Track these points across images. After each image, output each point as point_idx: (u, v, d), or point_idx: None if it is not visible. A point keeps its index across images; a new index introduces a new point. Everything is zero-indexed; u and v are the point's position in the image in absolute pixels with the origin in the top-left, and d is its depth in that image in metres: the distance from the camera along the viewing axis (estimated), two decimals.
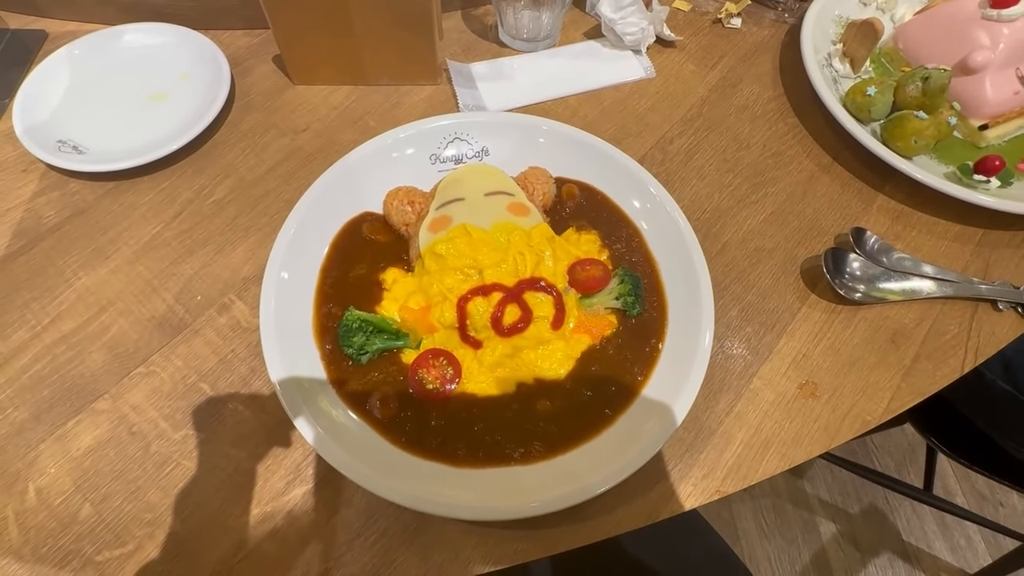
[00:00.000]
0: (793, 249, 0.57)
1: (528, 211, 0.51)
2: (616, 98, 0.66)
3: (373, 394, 0.45)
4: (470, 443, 0.44)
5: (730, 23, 0.72)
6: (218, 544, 0.42)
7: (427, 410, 0.45)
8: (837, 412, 0.49)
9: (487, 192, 0.51)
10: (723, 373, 0.50)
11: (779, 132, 0.64)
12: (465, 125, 0.57)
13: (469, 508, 0.40)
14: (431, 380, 0.46)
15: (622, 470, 0.41)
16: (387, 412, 0.44)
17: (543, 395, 0.46)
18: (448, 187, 0.52)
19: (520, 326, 0.46)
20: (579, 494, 0.41)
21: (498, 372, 0.46)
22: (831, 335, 0.52)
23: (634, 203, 0.54)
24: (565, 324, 0.48)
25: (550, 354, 0.47)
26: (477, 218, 0.49)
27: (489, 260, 0.47)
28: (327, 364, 0.46)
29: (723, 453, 0.47)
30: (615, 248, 0.52)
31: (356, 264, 0.51)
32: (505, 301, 0.46)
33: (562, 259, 0.50)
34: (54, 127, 0.58)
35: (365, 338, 0.45)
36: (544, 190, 0.54)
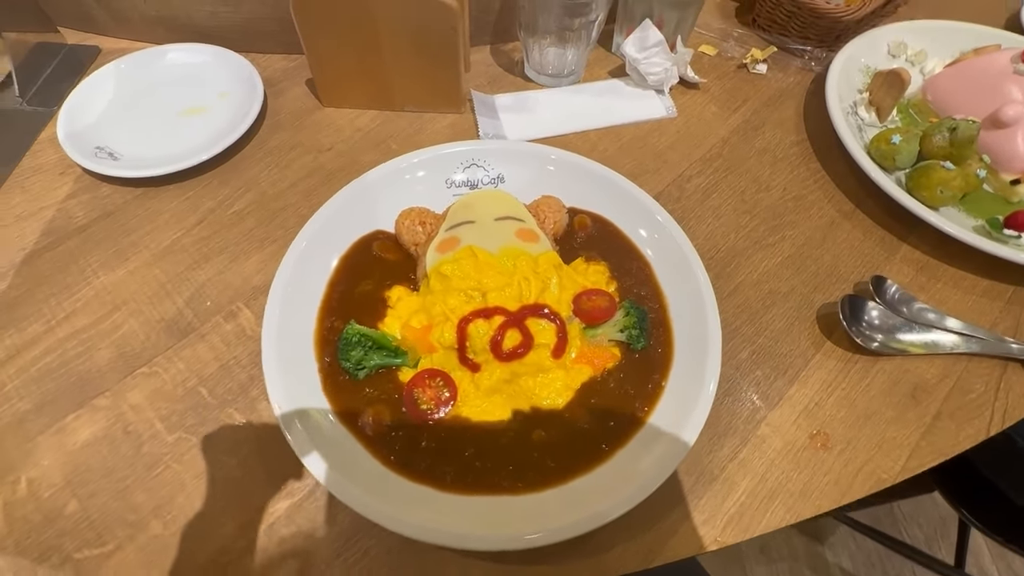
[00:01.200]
0: (810, 294, 0.55)
1: (537, 238, 0.51)
2: (636, 135, 0.66)
3: (366, 410, 0.45)
4: (459, 468, 0.42)
5: (755, 69, 0.72)
6: (197, 553, 0.41)
7: (419, 431, 0.44)
8: (850, 467, 0.46)
9: (497, 217, 0.51)
10: (729, 416, 0.48)
11: (800, 176, 0.64)
12: (482, 152, 0.58)
13: (453, 535, 0.39)
14: (426, 400, 0.45)
15: (614, 508, 0.40)
16: (378, 429, 0.44)
17: (539, 425, 0.45)
18: (459, 210, 0.53)
19: (520, 351, 0.45)
20: (568, 530, 0.39)
21: (494, 397, 0.45)
22: (846, 385, 0.50)
23: (645, 236, 0.54)
24: (567, 353, 0.47)
25: (549, 383, 0.46)
26: (485, 241, 0.49)
27: (493, 283, 0.47)
28: (324, 376, 0.46)
29: (725, 500, 0.45)
30: (624, 281, 0.52)
31: (363, 280, 0.51)
32: (506, 325, 0.46)
33: (568, 288, 0.49)
34: (94, 134, 0.61)
35: (363, 353, 0.45)
36: (555, 219, 0.54)
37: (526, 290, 0.48)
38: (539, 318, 0.47)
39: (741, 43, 0.74)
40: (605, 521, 0.39)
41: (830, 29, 0.71)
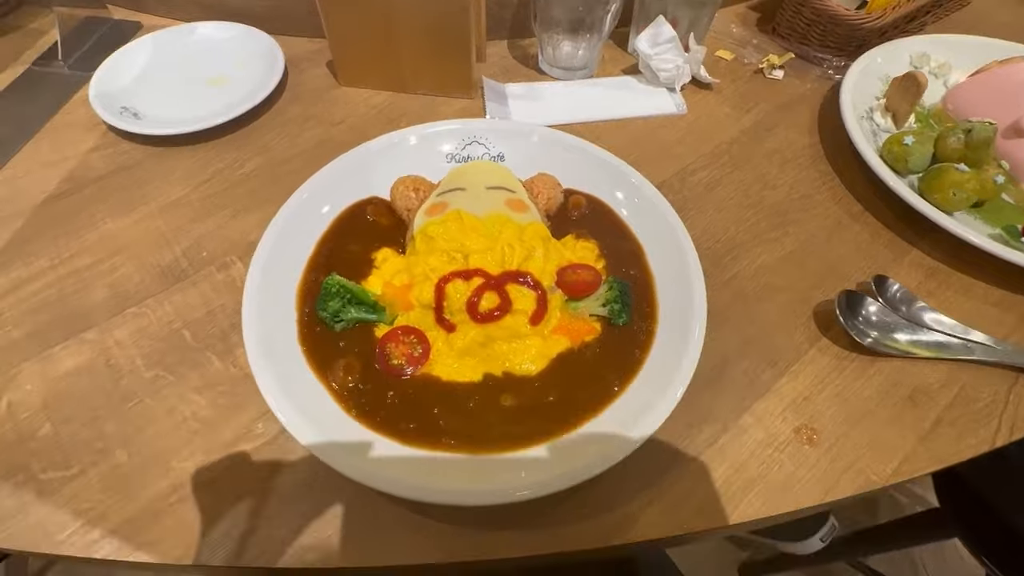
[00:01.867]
0: (808, 291, 0.53)
1: (527, 209, 0.51)
2: (644, 128, 0.66)
3: (338, 361, 0.44)
4: (423, 423, 0.42)
5: (772, 74, 0.72)
6: (156, 483, 0.41)
7: (387, 385, 0.43)
8: (837, 464, 0.44)
9: (489, 186, 0.52)
10: (711, 401, 0.46)
11: (810, 177, 0.62)
12: (483, 129, 0.58)
13: (407, 486, 0.38)
14: (398, 356, 0.44)
15: (571, 476, 0.38)
16: (346, 380, 0.43)
17: (509, 390, 0.44)
18: (452, 178, 0.53)
19: (496, 314, 0.45)
20: (521, 491, 0.38)
21: (467, 359, 0.45)
22: (840, 383, 0.48)
23: (639, 219, 0.53)
24: (545, 322, 0.46)
25: (524, 349, 0.45)
26: (474, 207, 0.49)
27: (476, 246, 0.47)
28: (301, 327, 0.46)
29: (698, 485, 0.42)
30: (613, 260, 0.51)
31: (353, 241, 0.52)
32: (485, 287, 0.45)
33: (554, 259, 0.49)
34: (122, 96, 0.65)
35: (341, 305, 0.45)
36: (549, 195, 0.53)
37: (509, 256, 0.47)
38: (519, 284, 0.46)
39: (759, 50, 0.74)
40: (555, 489, 0.37)
41: (850, 37, 0.70)
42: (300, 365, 0.44)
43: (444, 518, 0.40)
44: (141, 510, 0.40)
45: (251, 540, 0.39)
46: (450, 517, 0.40)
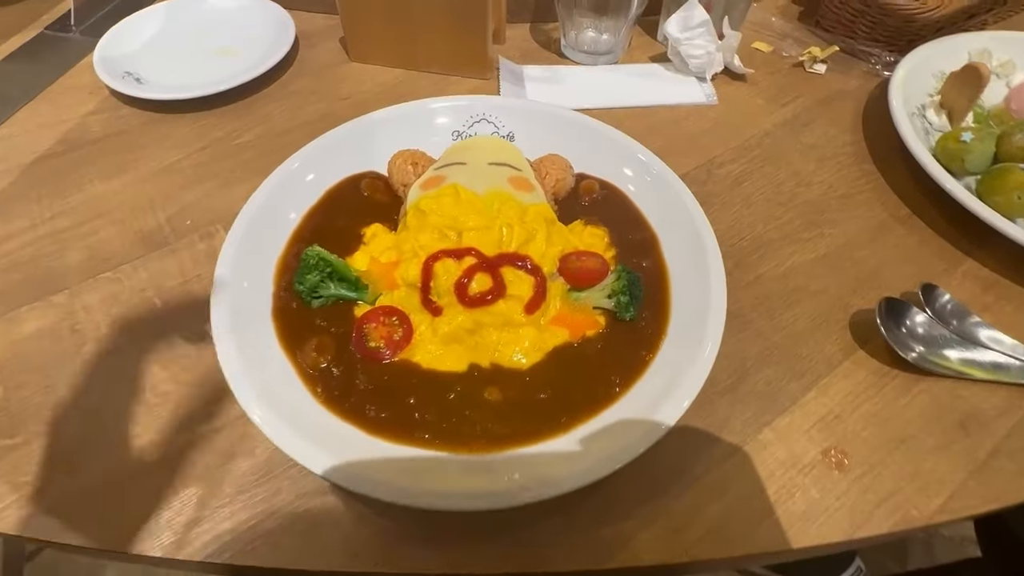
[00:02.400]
0: (845, 297, 0.47)
1: (532, 189, 0.46)
2: (669, 117, 0.61)
3: (311, 340, 0.40)
4: (395, 414, 0.37)
5: (813, 68, 0.66)
6: (102, 460, 0.38)
7: (362, 369, 0.39)
8: (870, 495, 0.37)
9: (492, 162, 0.47)
10: (726, 412, 0.41)
11: (851, 176, 0.56)
12: (496, 107, 0.54)
13: (364, 479, 0.33)
14: (376, 338, 0.40)
15: (556, 485, 0.33)
16: (317, 361, 0.39)
17: (496, 383, 0.39)
18: (453, 152, 0.49)
19: (487, 298, 0.40)
20: (500, 498, 0.33)
21: (452, 346, 0.40)
22: (878, 401, 0.42)
23: (658, 210, 0.48)
24: (542, 311, 0.41)
25: (516, 339, 0.40)
26: (473, 183, 0.45)
27: (472, 223, 0.42)
28: (276, 301, 0.42)
29: (706, 507, 0.37)
30: (624, 250, 0.46)
31: (344, 215, 0.48)
32: (476, 268, 0.41)
33: (557, 244, 0.44)
34: (126, 61, 0.63)
35: (320, 279, 0.41)
36: (558, 176, 0.49)
37: (507, 237, 0.43)
38: (516, 268, 0.42)
39: (800, 43, 0.69)
40: (533, 499, 0.32)
41: (901, 31, 0.64)
42: (269, 341, 0.40)
43: (413, 523, 0.36)
44: (82, 488, 0.37)
45: (195, 532, 0.35)
46: (420, 523, 0.36)
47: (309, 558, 0.34)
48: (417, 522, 0.36)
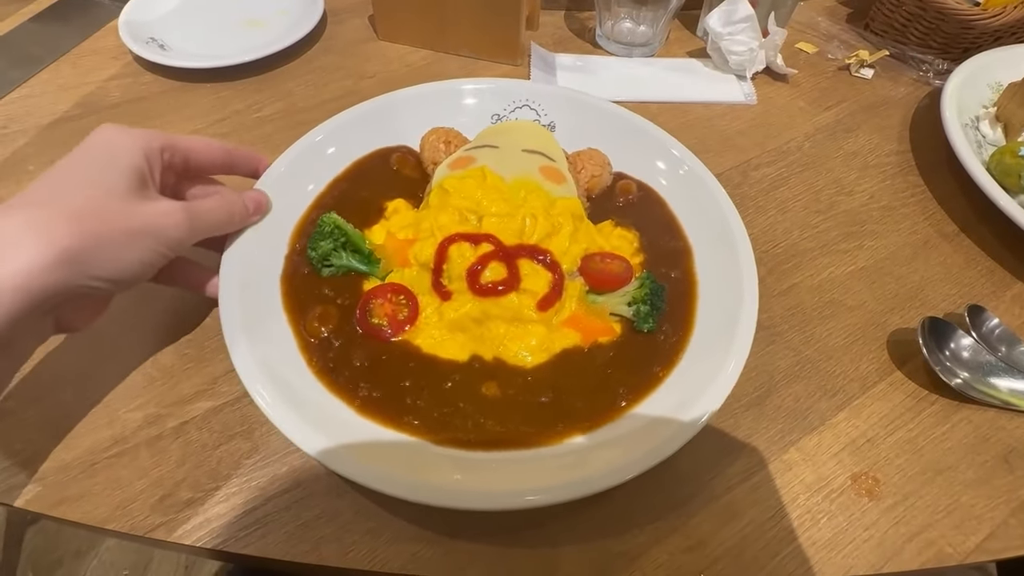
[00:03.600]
0: (883, 315, 0.44)
1: (563, 181, 0.44)
2: (703, 115, 0.58)
3: (315, 308, 0.39)
4: (387, 395, 0.35)
5: (859, 72, 0.63)
6: (97, 431, 0.37)
7: (359, 345, 0.37)
8: (902, 527, 0.35)
9: (525, 148, 0.45)
10: (750, 428, 0.38)
11: (895, 188, 0.53)
12: (539, 93, 0.51)
13: (340, 458, 0.31)
14: (380, 316, 0.38)
15: (542, 493, 0.31)
16: (318, 330, 0.38)
17: (495, 378, 0.37)
18: (487, 134, 0.47)
19: (499, 289, 0.38)
20: (484, 500, 0.31)
21: (457, 335, 0.38)
22: (915, 428, 0.39)
23: (696, 218, 0.45)
24: (556, 310, 0.39)
25: (524, 335, 0.38)
26: (502, 167, 0.43)
27: (494, 208, 0.40)
28: (287, 264, 0.41)
29: (723, 528, 0.35)
30: (653, 256, 0.43)
31: (370, 187, 0.46)
32: (492, 256, 0.39)
33: (582, 242, 0.42)
34: (151, 27, 0.62)
35: (333, 247, 0.40)
36: (594, 172, 0.46)
37: (530, 228, 0.40)
38: (534, 261, 0.39)
39: (847, 46, 0.66)
40: (510, 507, 0.30)
41: (957, 37, 0.61)
42: (274, 304, 0.39)
43: (409, 523, 0.34)
44: (75, 459, 0.35)
45: (187, 513, 0.34)
46: (416, 523, 0.34)
47: (302, 551, 0.33)
48: (413, 521, 0.34)
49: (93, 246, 0.29)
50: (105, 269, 0.30)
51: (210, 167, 0.39)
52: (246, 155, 0.41)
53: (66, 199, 0.29)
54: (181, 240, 0.33)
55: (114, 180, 0.31)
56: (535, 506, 0.30)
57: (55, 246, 0.27)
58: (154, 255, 0.32)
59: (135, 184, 0.32)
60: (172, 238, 0.32)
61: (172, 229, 0.32)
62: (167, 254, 0.33)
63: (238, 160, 0.40)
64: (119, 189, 0.31)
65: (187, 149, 0.36)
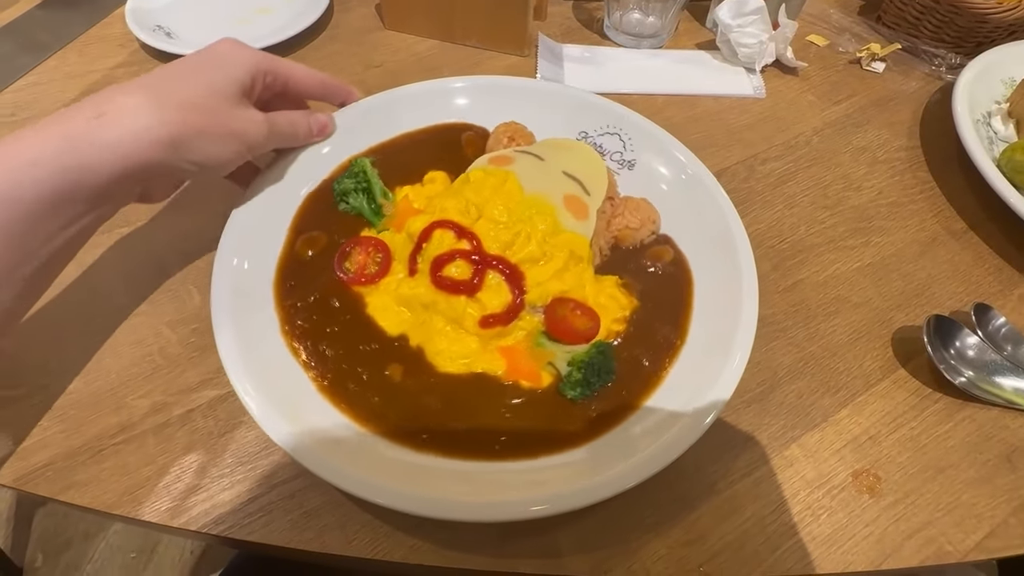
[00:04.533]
0: (888, 312, 0.44)
1: (584, 216, 0.41)
2: (711, 108, 0.58)
3: (313, 231, 0.42)
4: (309, 333, 0.37)
5: (870, 66, 0.62)
6: (105, 418, 0.37)
7: (324, 280, 0.40)
8: (902, 524, 0.35)
9: (567, 171, 0.42)
10: (752, 423, 0.38)
11: (904, 184, 0.53)
12: (633, 124, 0.48)
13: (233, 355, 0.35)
14: (352, 263, 0.41)
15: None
16: (304, 251, 0.41)
17: (406, 364, 0.37)
18: (547, 145, 0.46)
19: (456, 286, 0.37)
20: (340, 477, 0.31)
21: (401, 309, 0.39)
22: (917, 426, 0.39)
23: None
24: (497, 333, 0.37)
25: (455, 340, 0.37)
26: (530, 180, 0.41)
27: (494, 214, 0.39)
28: (315, 191, 0.44)
29: (723, 522, 0.35)
30: (636, 335, 0.39)
31: (429, 152, 0.47)
32: (464, 255, 0.38)
33: (566, 283, 0.39)
34: (159, 14, 0.61)
35: (353, 187, 0.43)
36: (630, 224, 0.42)
37: (518, 246, 0.39)
38: (502, 277, 0.38)
39: (858, 39, 0.65)
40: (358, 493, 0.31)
41: (971, 31, 0.60)
42: (281, 218, 0.42)
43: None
44: (83, 445, 0.36)
45: (192, 500, 0.34)
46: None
47: (305, 538, 0.33)
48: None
49: (194, 136, 0.34)
50: (197, 157, 0.35)
51: (305, 93, 0.44)
52: (338, 86, 0.46)
53: (181, 92, 0.34)
54: (260, 145, 0.39)
55: (223, 85, 0.36)
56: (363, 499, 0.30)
57: (164, 129, 0.32)
58: (237, 154, 0.37)
59: (238, 93, 0.37)
60: (254, 143, 0.38)
61: (255, 135, 0.38)
62: (246, 155, 0.38)
63: (331, 90, 0.45)
64: (225, 94, 0.36)
65: (288, 76, 0.41)
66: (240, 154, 0.37)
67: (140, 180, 0.34)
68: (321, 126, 0.44)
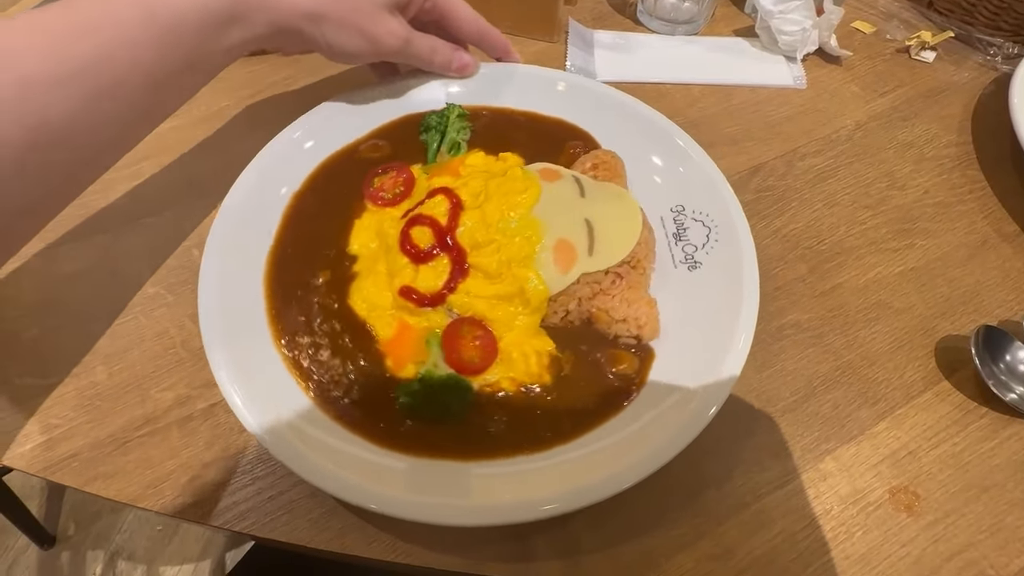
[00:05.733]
0: (933, 320, 0.42)
1: (564, 269, 0.37)
2: (749, 99, 0.55)
3: (376, 141, 0.46)
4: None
5: (919, 55, 0.59)
6: (130, 410, 0.37)
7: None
8: (941, 546, 0.33)
9: (589, 219, 0.38)
10: (785, 434, 0.37)
11: (952, 183, 0.50)
12: (727, 227, 0.40)
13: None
14: (381, 183, 0.43)
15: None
16: (366, 154, 0.45)
17: (334, 277, 0.39)
18: (602, 186, 0.41)
19: (406, 245, 0.38)
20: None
21: (373, 237, 0.41)
22: (961, 442, 0.37)
23: None
24: (405, 306, 0.37)
25: (375, 287, 0.38)
26: (548, 203, 0.38)
27: (489, 210, 0.38)
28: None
29: (752, 536, 0.34)
30: (536, 412, 0.35)
31: (521, 134, 0.47)
32: (437, 229, 0.38)
33: (494, 313, 0.37)
34: None
35: (435, 124, 0.46)
36: (612, 312, 0.37)
37: (482, 251, 0.37)
38: (448, 267, 0.37)
39: (908, 26, 0.61)
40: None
41: None
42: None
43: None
44: (109, 436, 0.36)
45: (213, 495, 0.34)
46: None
47: (326, 538, 0.33)
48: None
49: (333, 21, 0.39)
50: (331, 40, 0.40)
51: (459, 33, 0.46)
52: (496, 39, 0.47)
53: None
54: (391, 55, 0.43)
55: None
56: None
57: (314, 5, 0.38)
58: (364, 52, 0.41)
59: (390, 3, 0.40)
60: (385, 50, 0.42)
61: (388, 44, 0.41)
62: (374, 57, 0.43)
63: (487, 41, 0.47)
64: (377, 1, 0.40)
65: (448, 10, 0.44)
66: (368, 53, 0.41)
67: (284, 37, 0.39)
68: (463, 64, 0.46)
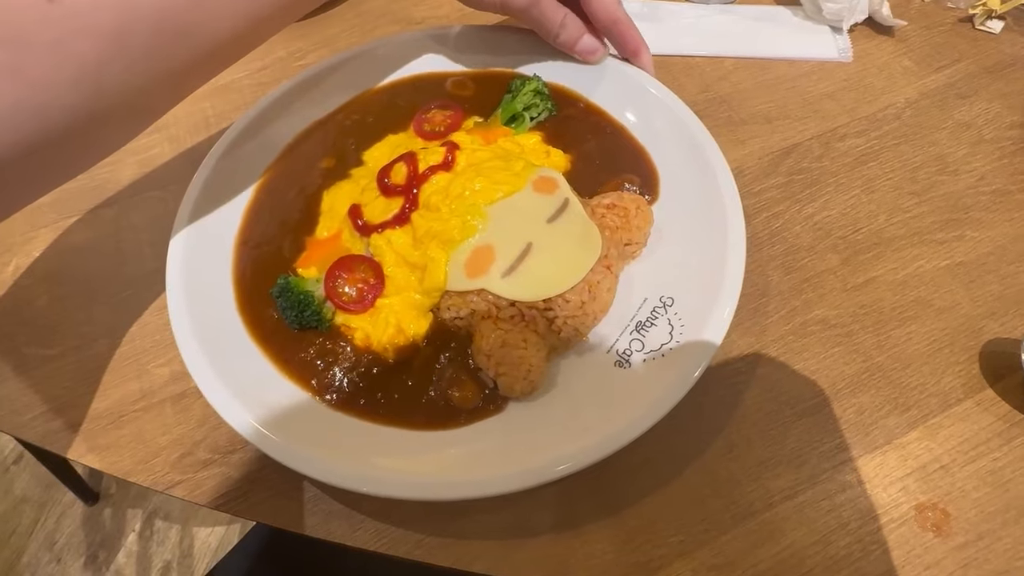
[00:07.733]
0: (980, 320, 0.38)
1: (473, 276, 0.34)
2: (786, 73, 0.51)
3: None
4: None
5: (984, 25, 0.53)
6: (127, 383, 0.37)
7: None
8: (972, 570, 0.30)
9: (533, 243, 0.35)
10: (801, 439, 0.34)
11: (1012, 168, 0.45)
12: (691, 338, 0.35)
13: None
14: (432, 121, 0.44)
15: None
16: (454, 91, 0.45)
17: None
18: (585, 221, 0.37)
19: (383, 180, 0.38)
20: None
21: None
22: (1001, 457, 0.34)
23: None
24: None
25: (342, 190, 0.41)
26: (506, 210, 0.36)
27: (452, 185, 0.36)
28: None
29: (758, 548, 0.31)
30: None
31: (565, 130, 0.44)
32: (414, 172, 0.38)
33: (389, 260, 0.36)
34: None
35: (516, 89, 0.43)
36: (504, 363, 0.32)
37: (438, 214, 0.36)
38: (400, 207, 0.37)
39: None
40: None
41: None
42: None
43: (419, 505, 0.33)
44: (106, 409, 0.37)
45: (203, 474, 0.34)
46: (425, 505, 0.33)
47: (311, 523, 0.33)
48: (423, 505, 0.33)
49: None
50: None
51: (593, 16, 0.42)
52: (629, 35, 0.43)
53: None
54: (517, 13, 0.41)
55: None
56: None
57: None
58: (494, 4, 0.41)
59: None
60: (513, 6, 0.40)
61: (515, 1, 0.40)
62: (500, 11, 0.41)
63: (618, 33, 0.43)
64: None
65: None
66: (493, 2, 0.40)
67: None
68: (588, 48, 0.43)
